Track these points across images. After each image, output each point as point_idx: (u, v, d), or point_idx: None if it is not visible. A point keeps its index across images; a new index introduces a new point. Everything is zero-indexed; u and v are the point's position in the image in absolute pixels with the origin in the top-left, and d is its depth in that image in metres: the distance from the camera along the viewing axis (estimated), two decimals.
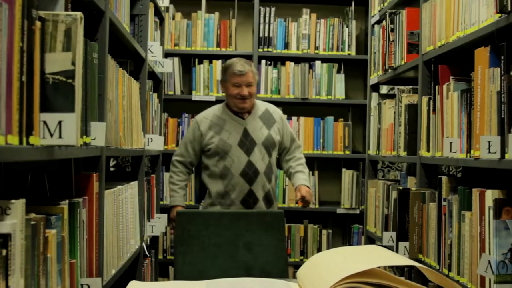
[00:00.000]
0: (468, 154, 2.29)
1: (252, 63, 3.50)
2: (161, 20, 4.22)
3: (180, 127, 4.68)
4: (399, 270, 3.49)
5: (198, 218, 2.80)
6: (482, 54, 2.13)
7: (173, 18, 4.70)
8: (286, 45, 4.72)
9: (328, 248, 4.73)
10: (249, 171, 3.30)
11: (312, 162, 4.66)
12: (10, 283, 1.13)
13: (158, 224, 3.43)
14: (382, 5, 3.91)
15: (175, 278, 2.67)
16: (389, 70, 3.61)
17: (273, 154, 3.42)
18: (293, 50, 4.72)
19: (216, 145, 3.31)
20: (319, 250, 4.72)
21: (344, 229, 4.90)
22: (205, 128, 3.37)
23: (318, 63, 4.71)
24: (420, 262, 2.58)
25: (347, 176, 4.77)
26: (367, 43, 4.47)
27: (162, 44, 4.20)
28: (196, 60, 4.71)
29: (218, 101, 4.67)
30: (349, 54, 4.73)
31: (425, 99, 2.87)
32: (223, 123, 3.37)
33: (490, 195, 2.00)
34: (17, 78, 1.19)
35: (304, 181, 3.36)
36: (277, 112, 3.51)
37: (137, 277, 3.02)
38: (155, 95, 3.74)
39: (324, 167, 4.86)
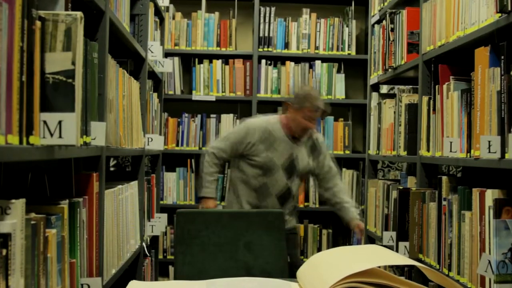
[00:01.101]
0: (468, 154, 2.29)
1: None
2: (161, 19, 4.22)
3: (180, 126, 4.68)
4: (399, 269, 3.49)
5: (198, 218, 2.79)
6: (482, 54, 2.13)
7: (173, 18, 4.69)
8: (286, 45, 4.72)
9: (328, 248, 4.72)
10: (285, 194, 3.38)
11: None
12: (10, 283, 1.13)
13: (158, 224, 3.43)
14: (382, 4, 3.91)
15: (175, 278, 2.67)
16: (389, 70, 3.61)
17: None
18: (293, 50, 4.72)
19: (263, 161, 3.32)
20: (319, 250, 4.72)
21: (344, 229, 4.89)
22: (256, 139, 3.34)
23: (318, 63, 4.71)
24: (420, 262, 2.58)
25: (347, 176, 4.77)
26: (367, 43, 4.46)
27: (162, 43, 4.20)
28: (196, 59, 4.71)
29: (218, 101, 4.70)
30: (349, 54, 4.73)
31: (425, 99, 2.87)
32: (274, 140, 3.35)
33: (490, 194, 2.00)
34: (17, 78, 1.19)
35: (358, 216, 3.50)
36: (321, 141, 3.56)
37: (137, 276, 3.02)
38: (155, 94, 3.74)
39: None
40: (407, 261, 1.57)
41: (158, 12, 3.92)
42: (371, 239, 4.04)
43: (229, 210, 3.15)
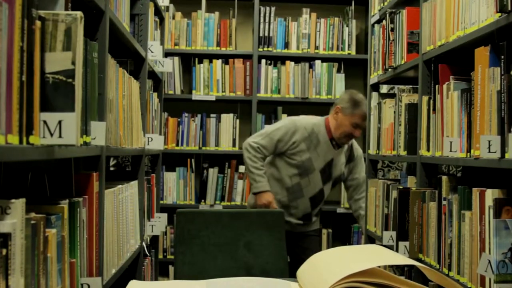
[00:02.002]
0: (468, 154, 2.29)
1: None
2: (161, 19, 4.22)
3: (180, 126, 4.68)
4: (399, 269, 3.49)
5: (198, 217, 2.79)
6: (482, 54, 2.13)
7: (173, 18, 4.69)
8: (286, 45, 4.72)
9: (328, 247, 4.72)
10: (318, 197, 3.39)
11: None
12: (10, 283, 1.13)
13: (158, 224, 3.43)
14: (382, 4, 3.90)
15: (175, 278, 2.67)
16: (389, 70, 3.61)
17: None
18: (293, 50, 4.72)
19: (303, 161, 3.29)
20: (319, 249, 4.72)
21: (344, 228, 4.89)
22: (299, 138, 3.31)
23: (318, 62, 4.71)
24: (420, 262, 2.58)
25: None
26: (367, 42, 4.46)
27: (162, 43, 4.20)
28: (196, 59, 4.71)
29: (218, 101, 4.69)
30: (349, 54, 4.73)
31: (425, 98, 2.87)
32: (317, 143, 3.33)
33: (490, 194, 2.00)
34: (17, 77, 1.19)
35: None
36: (358, 150, 3.57)
37: (137, 276, 3.02)
38: (155, 94, 3.74)
39: None
40: (407, 261, 1.57)
41: (158, 12, 3.92)
42: (371, 239, 4.04)
43: (229, 210, 3.15)
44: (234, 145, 4.67)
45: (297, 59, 4.73)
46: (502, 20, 2.00)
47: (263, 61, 4.70)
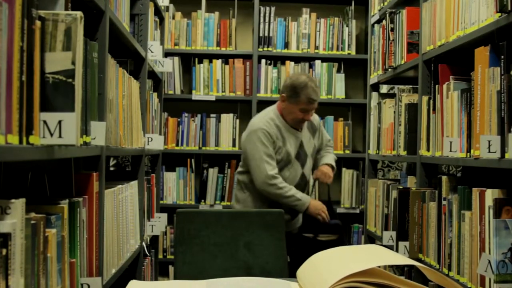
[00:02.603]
0: (468, 154, 2.29)
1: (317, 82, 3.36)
2: (161, 19, 4.22)
3: (180, 126, 4.68)
4: (399, 269, 3.49)
5: (198, 217, 2.79)
6: (482, 54, 2.13)
7: (173, 18, 4.69)
8: (286, 45, 4.72)
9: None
10: (301, 182, 3.31)
11: None
12: (10, 283, 1.13)
13: (158, 224, 3.43)
14: (382, 4, 3.91)
15: (175, 278, 2.67)
16: (389, 70, 3.61)
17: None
18: (293, 50, 4.72)
19: (282, 157, 3.23)
20: None
21: (344, 228, 4.89)
22: (275, 138, 3.23)
23: (318, 62, 4.71)
24: (420, 262, 2.58)
25: (347, 175, 4.77)
26: (367, 42, 4.47)
27: (162, 43, 4.20)
28: (196, 59, 4.71)
29: (218, 101, 4.70)
30: (349, 54, 4.73)
31: (425, 98, 2.87)
32: (285, 135, 3.27)
33: (490, 194, 2.00)
34: (17, 77, 1.19)
35: (328, 160, 3.39)
36: (316, 118, 3.48)
37: (137, 276, 3.02)
38: (155, 94, 3.74)
39: None
40: (407, 261, 1.57)
41: (158, 11, 3.92)
42: (371, 239, 4.04)
43: (229, 210, 3.14)
44: (234, 145, 4.67)
45: (297, 59, 4.73)
46: (502, 20, 2.00)
47: (263, 61, 4.70)
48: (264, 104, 4.73)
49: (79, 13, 1.47)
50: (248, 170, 3.28)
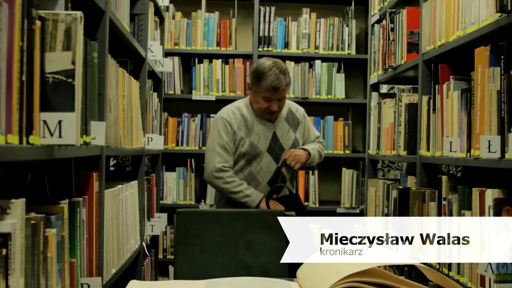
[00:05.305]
0: (468, 154, 2.29)
1: (287, 69, 3.05)
2: (161, 19, 4.22)
3: (180, 126, 4.68)
4: (399, 269, 3.49)
5: (198, 217, 2.79)
6: (482, 54, 2.13)
7: (173, 18, 4.69)
8: (286, 45, 4.72)
9: None
10: (276, 179, 3.04)
11: None
12: (10, 282, 1.13)
13: (158, 224, 3.43)
14: (382, 4, 3.91)
15: (175, 278, 2.66)
16: (389, 70, 3.61)
17: None
18: (293, 50, 4.72)
19: (246, 149, 2.97)
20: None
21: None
22: (236, 128, 2.98)
23: (318, 62, 4.71)
24: (420, 262, 2.58)
25: (347, 175, 4.77)
26: (367, 42, 4.47)
27: (162, 43, 4.20)
28: (196, 59, 4.71)
29: (218, 101, 4.69)
30: (349, 54, 4.73)
31: (425, 98, 2.87)
32: (252, 125, 3.00)
33: (490, 194, 2.00)
34: (17, 77, 1.19)
35: (305, 146, 3.09)
36: (299, 111, 3.20)
37: (137, 276, 3.02)
38: (155, 94, 3.74)
39: (324, 167, 4.85)
40: (407, 261, 1.57)
41: (158, 11, 3.92)
42: None
43: (229, 210, 3.14)
44: None
45: (297, 59, 4.73)
46: (502, 20, 2.00)
47: None
48: None
49: (79, 13, 1.47)
50: None
